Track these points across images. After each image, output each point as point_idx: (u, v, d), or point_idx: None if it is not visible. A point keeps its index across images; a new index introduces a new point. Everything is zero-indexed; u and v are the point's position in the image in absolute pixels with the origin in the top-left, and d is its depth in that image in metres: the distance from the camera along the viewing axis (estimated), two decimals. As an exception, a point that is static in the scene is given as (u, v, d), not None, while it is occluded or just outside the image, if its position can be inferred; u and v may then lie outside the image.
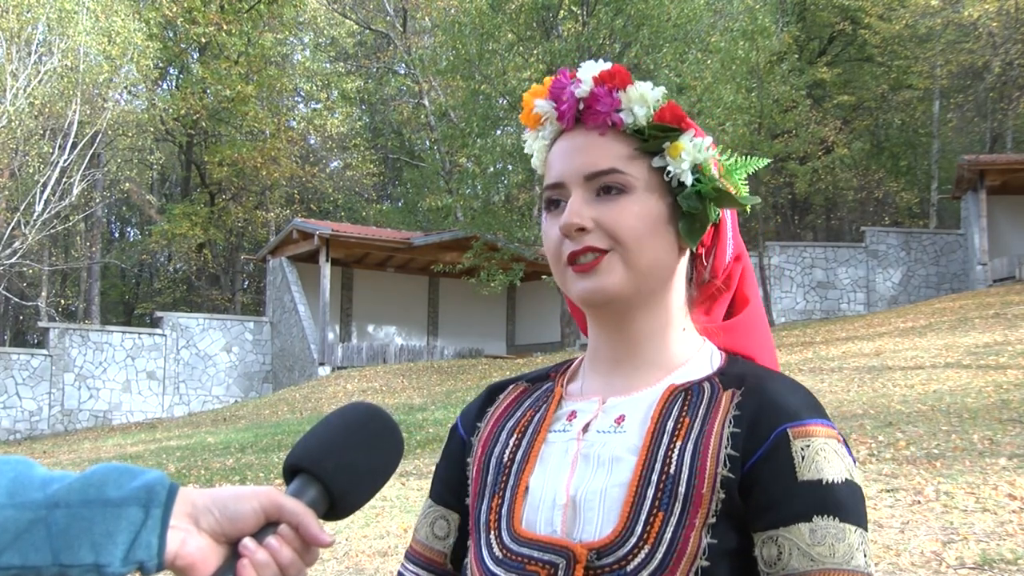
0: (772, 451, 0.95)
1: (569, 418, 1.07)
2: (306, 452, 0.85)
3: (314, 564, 0.84)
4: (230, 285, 33.05)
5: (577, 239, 1.02)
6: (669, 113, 1.04)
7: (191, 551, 0.79)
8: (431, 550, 1.16)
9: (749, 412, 0.98)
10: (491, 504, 1.06)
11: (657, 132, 1.03)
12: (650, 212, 1.03)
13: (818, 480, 0.94)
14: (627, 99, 1.04)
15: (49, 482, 0.79)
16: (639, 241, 1.02)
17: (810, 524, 0.92)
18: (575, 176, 1.04)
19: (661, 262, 1.04)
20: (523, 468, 1.06)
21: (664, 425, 1.00)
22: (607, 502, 0.98)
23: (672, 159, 1.03)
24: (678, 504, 0.95)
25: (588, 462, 1.02)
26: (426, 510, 1.18)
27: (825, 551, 0.92)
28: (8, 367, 19.98)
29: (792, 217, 33.10)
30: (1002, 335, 12.88)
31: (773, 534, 0.93)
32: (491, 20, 19.46)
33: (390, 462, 0.89)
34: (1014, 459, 6.56)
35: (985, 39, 25.20)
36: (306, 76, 31.71)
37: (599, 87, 1.04)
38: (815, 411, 0.99)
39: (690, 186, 1.04)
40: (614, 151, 1.04)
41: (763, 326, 1.14)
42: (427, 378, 18.69)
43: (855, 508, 0.94)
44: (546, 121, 1.09)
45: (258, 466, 10.59)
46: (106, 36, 22.48)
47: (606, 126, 1.04)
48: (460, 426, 1.18)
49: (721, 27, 19.43)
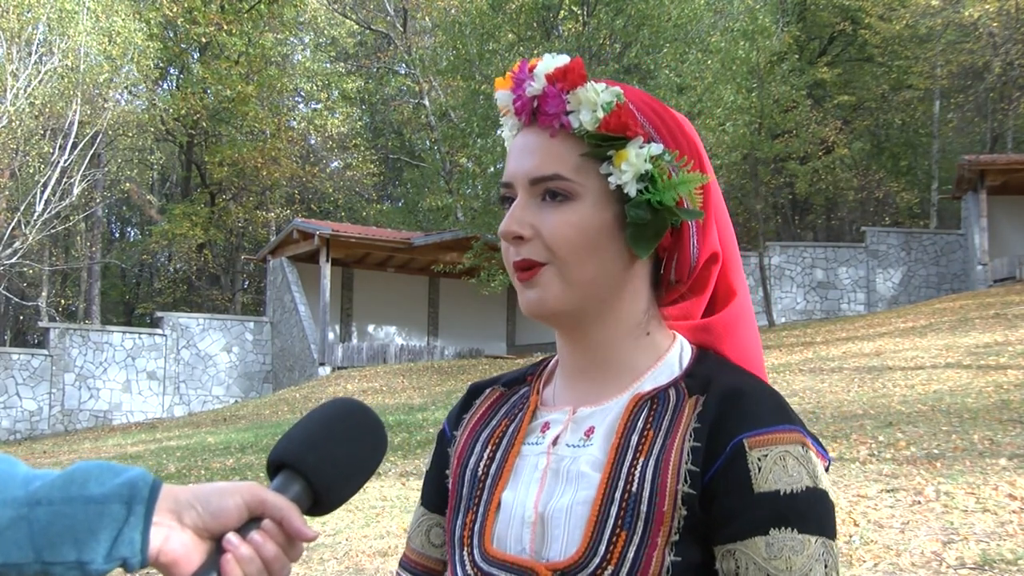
0: (729, 463, 0.92)
1: (543, 430, 1.05)
2: (288, 447, 0.84)
3: (298, 559, 0.83)
4: (230, 285, 33.06)
5: (516, 248, 0.99)
6: (615, 120, 0.97)
7: (174, 547, 0.79)
8: (428, 558, 1.14)
9: (709, 422, 0.95)
10: (465, 519, 1.05)
11: (599, 141, 0.97)
12: (592, 223, 0.97)
13: (775, 491, 0.91)
14: (575, 101, 0.98)
15: (31, 480, 0.78)
16: (577, 254, 0.97)
17: (766, 537, 0.90)
18: (521, 179, 1.00)
19: (606, 273, 0.99)
20: (496, 483, 1.03)
21: (628, 439, 0.97)
22: (572, 520, 0.96)
23: (615, 168, 0.97)
24: (640, 523, 0.93)
25: (557, 477, 0.99)
26: (419, 518, 1.16)
27: (782, 565, 0.89)
28: (8, 367, 19.99)
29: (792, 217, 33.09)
30: (1002, 335, 12.86)
31: (731, 548, 0.91)
32: (491, 20, 19.47)
33: (373, 456, 0.89)
34: (1014, 459, 6.55)
35: (985, 39, 25.20)
36: (306, 76, 31.72)
37: (551, 86, 0.99)
38: (777, 416, 0.95)
39: (636, 196, 0.98)
40: (561, 156, 0.98)
41: (745, 324, 1.09)
42: (427, 378, 18.70)
43: (817, 517, 0.91)
44: (507, 113, 1.05)
45: (258, 466, 10.59)
46: (106, 36, 22.49)
47: (555, 128, 0.99)
48: (447, 430, 1.16)
49: (721, 27, 19.41)
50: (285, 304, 22.87)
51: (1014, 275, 20.40)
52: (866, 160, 30.05)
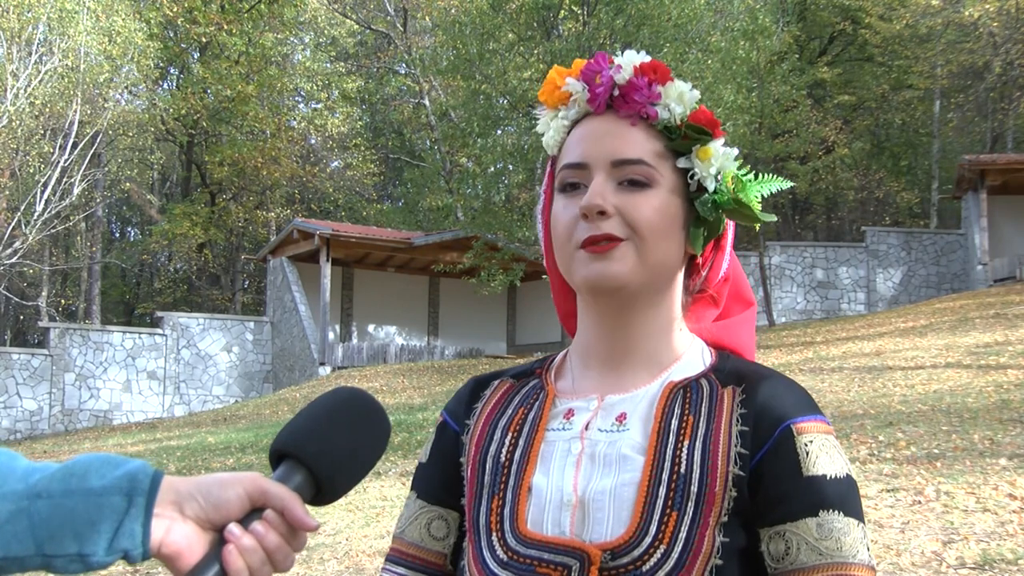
0: (777, 447, 0.97)
1: (567, 416, 1.06)
2: (291, 437, 0.84)
3: (302, 549, 0.83)
4: (230, 285, 33.05)
5: (595, 223, 1.01)
6: (704, 116, 1.04)
7: (176, 539, 0.78)
8: (428, 551, 1.12)
9: (754, 409, 0.99)
10: (491, 505, 1.05)
11: (691, 132, 1.04)
12: (668, 210, 1.03)
13: (823, 475, 0.95)
14: (666, 94, 1.04)
15: (31, 472, 0.78)
16: (655, 236, 1.02)
17: (816, 519, 0.94)
18: (602, 160, 1.03)
19: (670, 261, 1.05)
20: (524, 468, 1.04)
21: (668, 423, 1.00)
22: (617, 502, 0.98)
23: (700, 162, 1.04)
24: (691, 503, 0.95)
25: (594, 461, 1.01)
26: (416, 511, 1.14)
27: (832, 545, 0.93)
28: (8, 367, 19.99)
29: (793, 217, 33.10)
30: (1002, 335, 12.86)
31: (780, 529, 0.95)
32: (491, 20, 19.47)
33: (376, 445, 0.88)
34: (1014, 459, 6.55)
35: (986, 39, 25.19)
36: (306, 76, 31.71)
37: (639, 77, 1.04)
38: (813, 408, 1.01)
39: (710, 193, 1.04)
40: (644, 143, 1.03)
41: (752, 329, 1.16)
42: (427, 378, 18.70)
43: (856, 503, 0.97)
44: (574, 101, 1.08)
45: (259, 466, 10.59)
46: (107, 36, 22.48)
47: (638, 117, 1.04)
48: (451, 422, 1.15)
49: (721, 27, 19.40)
50: (285, 304, 22.86)
51: (1014, 275, 20.39)
52: (866, 160, 30.03)
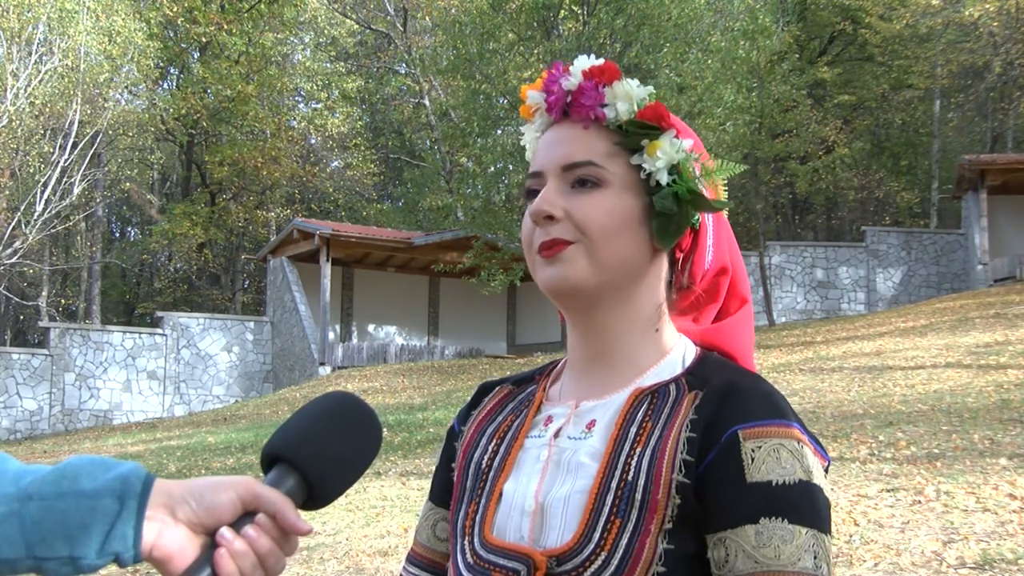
0: (723, 453, 0.95)
1: (546, 423, 1.08)
2: (283, 441, 0.84)
3: (293, 553, 0.82)
4: (230, 285, 33.05)
5: (545, 228, 1.03)
6: (651, 112, 1.04)
7: (168, 542, 0.78)
8: (434, 552, 1.17)
9: (706, 415, 0.97)
10: (468, 510, 1.07)
11: (636, 129, 1.04)
12: (621, 209, 1.03)
13: (767, 482, 0.93)
14: (612, 94, 1.05)
15: (22, 475, 0.78)
16: (605, 235, 1.02)
17: (756, 526, 0.91)
18: (552, 166, 1.05)
19: (629, 259, 1.03)
20: (499, 474, 1.07)
21: (627, 431, 1.00)
22: (569, 509, 0.99)
23: (648, 157, 1.03)
24: (634, 511, 0.95)
25: (558, 468, 1.02)
26: (427, 512, 1.19)
27: (770, 553, 0.91)
28: (8, 367, 19.99)
29: (793, 217, 33.10)
30: (1003, 335, 12.86)
31: (722, 536, 0.93)
32: (491, 20, 19.47)
33: (368, 449, 0.88)
34: (1015, 459, 6.55)
35: (986, 39, 25.19)
36: (306, 76, 31.72)
37: (587, 81, 1.05)
38: (773, 411, 0.97)
39: (666, 186, 1.04)
40: (594, 145, 1.04)
41: (750, 326, 1.15)
42: (427, 378, 18.70)
43: (809, 509, 0.93)
44: (537, 112, 1.11)
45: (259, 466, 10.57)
46: (107, 36, 22.49)
47: (589, 120, 1.05)
48: (455, 426, 1.20)
49: (721, 27, 19.41)
50: (285, 304, 22.86)
51: (1014, 274, 20.39)
52: (866, 160, 30.03)
